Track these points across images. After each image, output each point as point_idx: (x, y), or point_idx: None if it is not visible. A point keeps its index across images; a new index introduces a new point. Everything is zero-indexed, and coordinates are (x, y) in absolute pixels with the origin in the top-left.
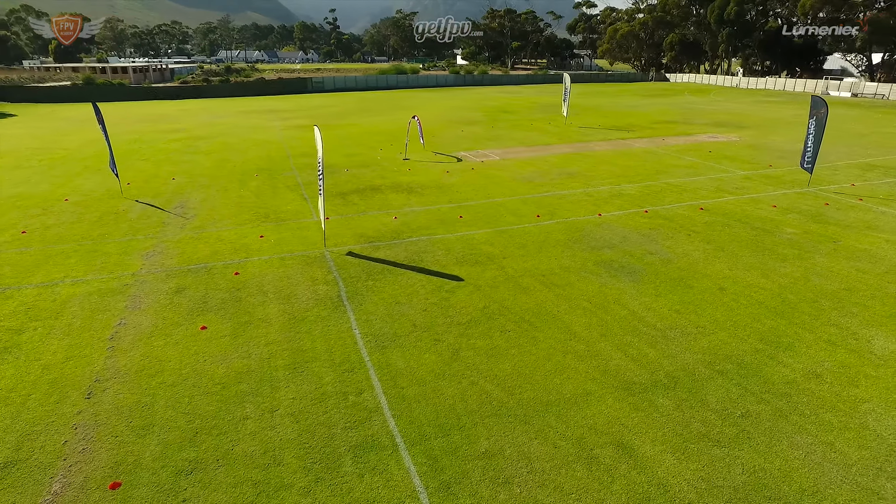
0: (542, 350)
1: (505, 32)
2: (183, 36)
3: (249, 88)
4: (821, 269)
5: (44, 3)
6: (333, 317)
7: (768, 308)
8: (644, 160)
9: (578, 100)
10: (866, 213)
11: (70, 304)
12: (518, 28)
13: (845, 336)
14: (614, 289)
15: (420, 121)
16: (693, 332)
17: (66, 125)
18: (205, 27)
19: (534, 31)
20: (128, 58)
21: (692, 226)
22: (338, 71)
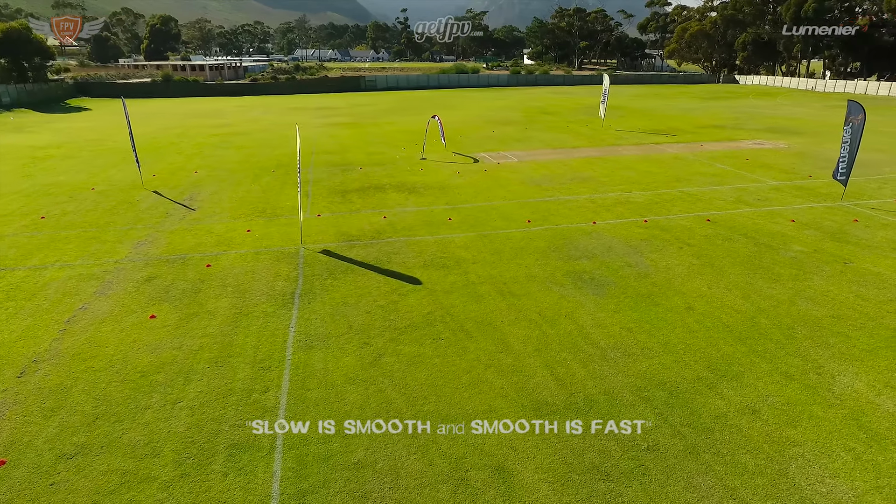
0: (466, 361)
1: (573, 32)
2: (264, 35)
3: (308, 86)
4: (814, 292)
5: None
6: (278, 314)
7: (732, 332)
8: (669, 166)
9: (630, 102)
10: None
11: (48, 287)
12: (587, 27)
13: (807, 369)
14: (573, 301)
15: (441, 121)
16: (636, 354)
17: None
18: (284, 27)
19: (603, 31)
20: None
21: (689, 238)
22: (402, 70)
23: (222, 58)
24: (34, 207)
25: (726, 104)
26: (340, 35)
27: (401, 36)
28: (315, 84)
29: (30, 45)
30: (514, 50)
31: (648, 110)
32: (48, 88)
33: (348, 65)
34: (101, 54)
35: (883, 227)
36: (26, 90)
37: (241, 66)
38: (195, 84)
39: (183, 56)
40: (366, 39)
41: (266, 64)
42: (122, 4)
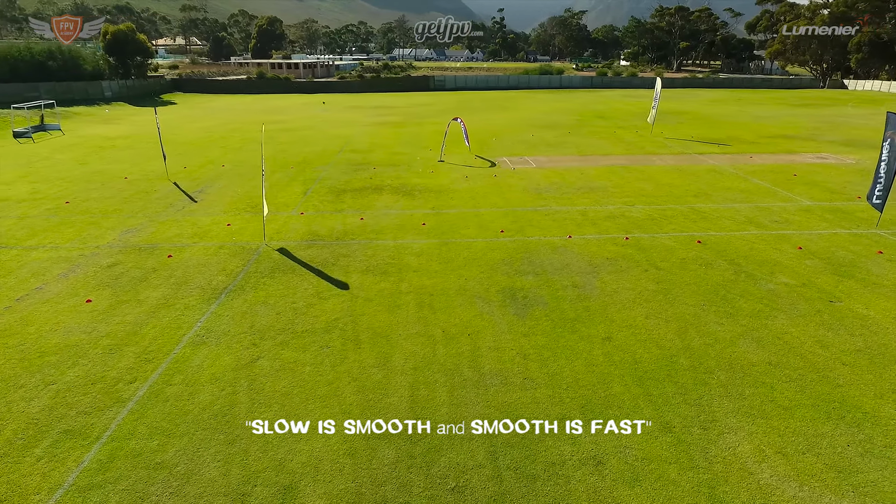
0: (335, 373)
1: (673, 32)
2: (366, 35)
3: (380, 85)
4: (767, 332)
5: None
6: (197, 307)
7: (636, 371)
8: (696, 179)
9: (702, 107)
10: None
11: (24, 267)
12: (690, 27)
13: (694, 422)
14: (487, 321)
15: (464, 123)
16: (514, 384)
17: (203, 114)
18: (386, 27)
19: (707, 30)
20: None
21: (662, 261)
22: (488, 70)
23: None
24: (66, 193)
25: (814, 112)
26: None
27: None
28: (387, 83)
29: (133, 45)
30: (613, 50)
31: (717, 117)
32: (146, 84)
33: (437, 64)
34: (217, 52)
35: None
36: (126, 85)
37: (334, 64)
38: (284, 81)
39: (284, 55)
40: (462, 39)
41: (356, 63)
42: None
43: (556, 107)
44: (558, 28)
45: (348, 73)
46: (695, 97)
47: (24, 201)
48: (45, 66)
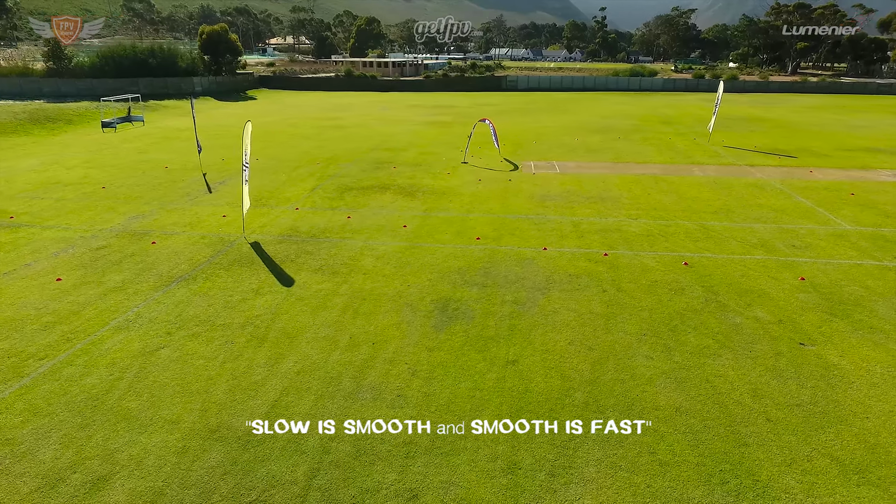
0: (221, 370)
1: (790, 31)
2: (466, 35)
3: (455, 84)
4: (697, 373)
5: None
6: (142, 293)
7: (519, 403)
8: (728, 194)
9: (788, 114)
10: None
11: (30, 244)
12: (810, 25)
13: (542, 466)
14: (401, 331)
15: (494, 126)
16: (387, 400)
17: (274, 109)
18: (485, 26)
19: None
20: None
21: (628, 282)
22: (579, 70)
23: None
24: (109, 179)
25: None
26: (539, 34)
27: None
28: (459, 83)
29: (224, 45)
30: (723, 51)
31: (801, 125)
32: (234, 80)
33: (529, 64)
34: (320, 51)
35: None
36: (216, 81)
37: (422, 63)
38: (367, 79)
39: (379, 53)
40: (562, 39)
41: (445, 62)
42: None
43: (622, 110)
44: (663, 27)
45: (434, 73)
46: (788, 103)
47: (70, 185)
48: (146, 63)
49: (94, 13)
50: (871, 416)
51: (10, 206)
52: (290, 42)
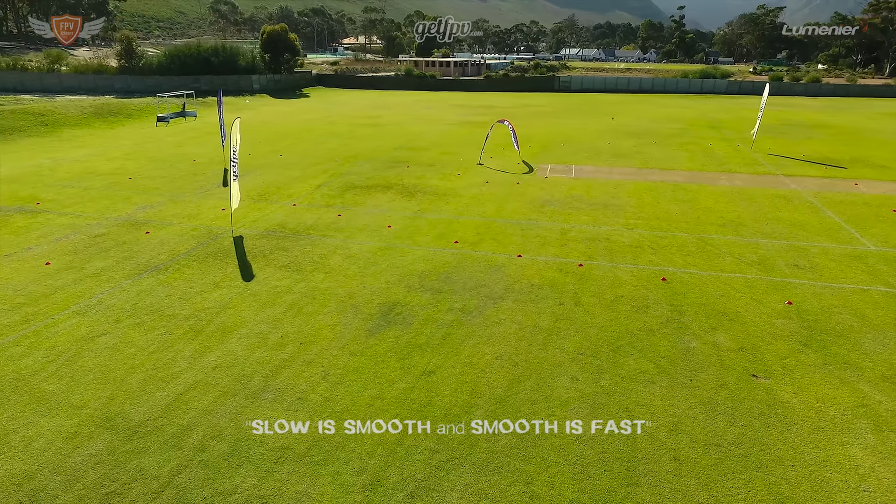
0: (143, 359)
1: (891, 29)
2: (537, 34)
3: (506, 85)
4: (615, 402)
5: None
6: (114, 281)
7: (417, 414)
8: (748, 205)
9: (857, 120)
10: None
11: (40, 229)
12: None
13: (401, 485)
14: (334, 333)
15: (513, 127)
16: (286, 403)
17: (322, 106)
18: (556, 26)
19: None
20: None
21: (590, 295)
22: (648, 72)
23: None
24: (138, 170)
25: None
26: (612, 34)
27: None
28: (511, 83)
29: (283, 44)
30: (814, 52)
31: (867, 133)
32: (291, 78)
33: (597, 65)
34: (389, 50)
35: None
36: (273, 79)
37: (484, 63)
38: (424, 79)
39: (444, 53)
40: (636, 39)
41: (508, 62)
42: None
43: (673, 113)
44: (747, 26)
45: (495, 73)
46: (867, 108)
47: (102, 175)
48: (209, 61)
49: (187, 14)
50: (799, 464)
51: (43, 192)
52: (362, 42)
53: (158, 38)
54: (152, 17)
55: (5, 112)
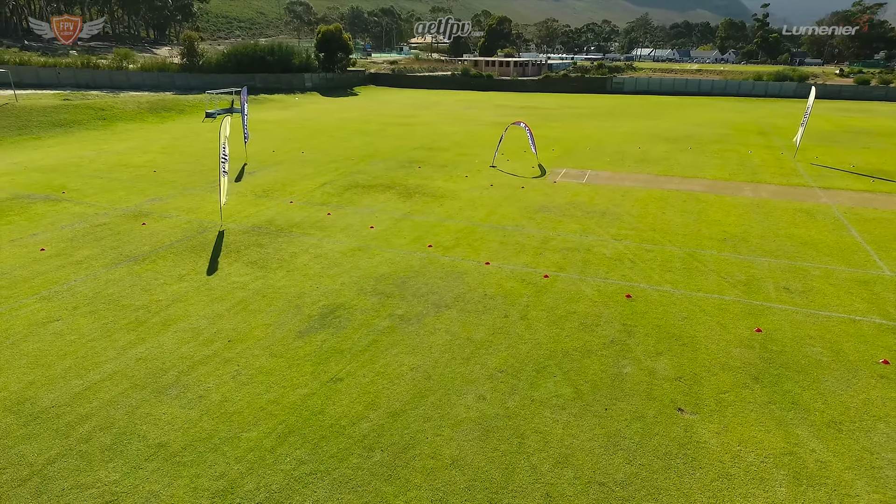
0: (80, 346)
1: None
2: (608, 34)
3: (555, 85)
4: (509, 426)
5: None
6: (91, 268)
7: (304, 423)
8: (762, 219)
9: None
10: None
11: (53, 216)
12: None
13: (212, 488)
14: (267, 332)
15: (530, 129)
16: (187, 399)
17: (365, 105)
18: (629, 26)
19: None
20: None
21: (541, 308)
22: (720, 73)
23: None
24: (165, 164)
25: None
26: (688, 34)
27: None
28: (561, 84)
29: (336, 43)
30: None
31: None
32: (344, 77)
33: (667, 65)
34: (455, 50)
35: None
36: (325, 78)
37: (546, 63)
38: (478, 78)
39: (508, 52)
40: (714, 39)
41: (570, 62)
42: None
43: (724, 117)
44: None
45: (555, 73)
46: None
47: (132, 167)
48: (264, 60)
49: (267, 15)
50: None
51: (72, 182)
52: (429, 41)
53: (238, 38)
54: (235, 17)
55: (70, 107)
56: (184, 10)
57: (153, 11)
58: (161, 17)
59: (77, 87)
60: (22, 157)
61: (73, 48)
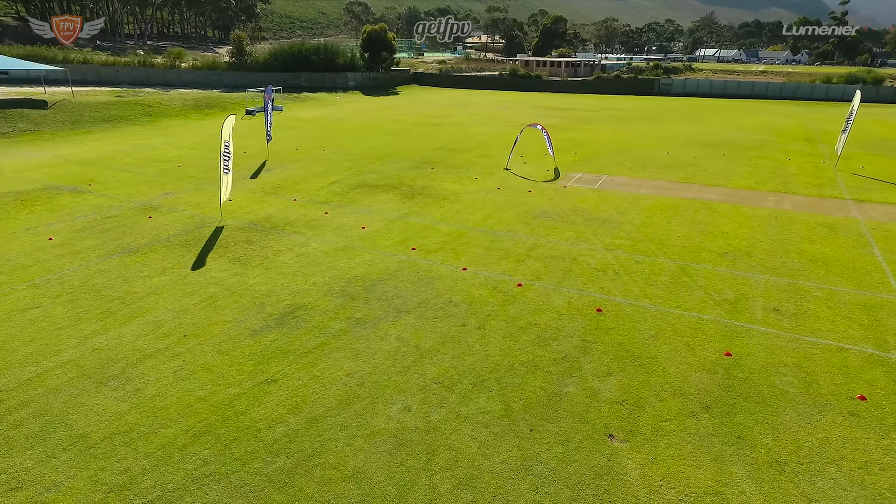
0: (45, 333)
1: None
2: (672, 34)
3: (599, 87)
4: (417, 440)
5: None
6: (88, 258)
7: (219, 423)
8: (776, 232)
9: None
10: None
11: (72, 207)
12: None
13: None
14: (225, 328)
15: (547, 132)
16: (124, 392)
17: (403, 104)
18: (694, 25)
19: None
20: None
21: (501, 319)
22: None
23: (590, 55)
24: (191, 158)
25: None
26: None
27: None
28: (605, 85)
29: (381, 43)
30: None
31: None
32: (387, 76)
33: (730, 66)
34: (509, 50)
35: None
36: (369, 77)
37: (599, 63)
38: (527, 79)
39: (561, 52)
40: (786, 38)
41: (624, 62)
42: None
43: (770, 122)
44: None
45: (608, 74)
46: None
47: (161, 161)
48: (309, 59)
49: (329, 15)
50: None
51: (101, 175)
52: (485, 41)
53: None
54: (297, 17)
55: (121, 103)
56: (247, 10)
57: (218, 12)
58: (225, 17)
59: (133, 84)
60: (67, 150)
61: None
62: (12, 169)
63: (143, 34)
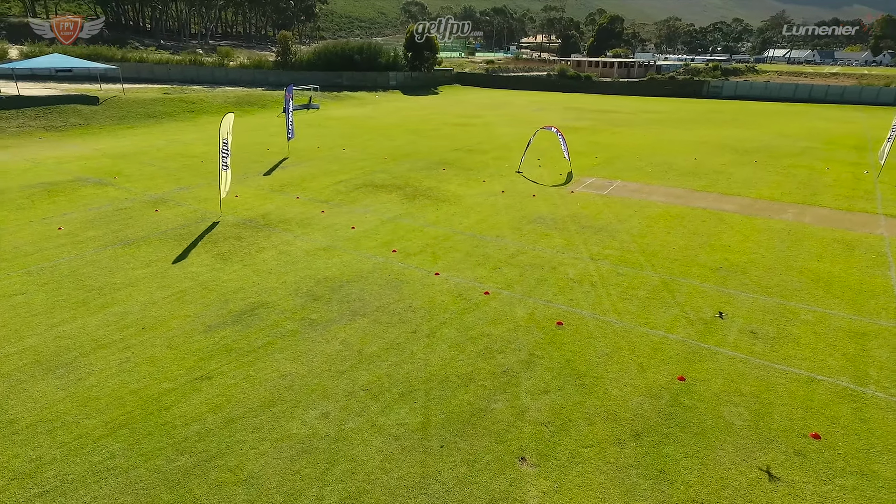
0: (22, 321)
1: None
2: (739, 33)
3: (645, 88)
4: (315, 448)
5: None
6: (86, 248)
7: (142, 420)
8: (784, 248)
9: None
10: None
11: (91, 198)
12: None
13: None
14: (180, 323)
15: (563, 135)
16: (68, 381)
17: (440, 103)
18: (764, 24)
19: None
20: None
21: (455, 328)
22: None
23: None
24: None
25: None
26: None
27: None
28: (653, 87)
29: (422, 43)
30: None
31: None
32: (429, 76)
33: (799, 68)
34: (564, 49)
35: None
36: (411, 77)
37: (654, 64)
38: (574, 80)
39: (616, 52)
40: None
41: (681, 63)
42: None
43: (819, 127)
44: None
45: (662, 75)
46: None
47: (187, 157)
48: (352, 59)
49: (387, 14)
50: None
51: (128, 168)
52: (540, 41)
53: (358, 37)
54: (356, 17)
55: (167, 100)
56: (307, 10)
57: (278, 13)
58: (285, 17)
59: (183, 82)
60: (106, 144)
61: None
62: (55, 161)
63: (206, 34)
